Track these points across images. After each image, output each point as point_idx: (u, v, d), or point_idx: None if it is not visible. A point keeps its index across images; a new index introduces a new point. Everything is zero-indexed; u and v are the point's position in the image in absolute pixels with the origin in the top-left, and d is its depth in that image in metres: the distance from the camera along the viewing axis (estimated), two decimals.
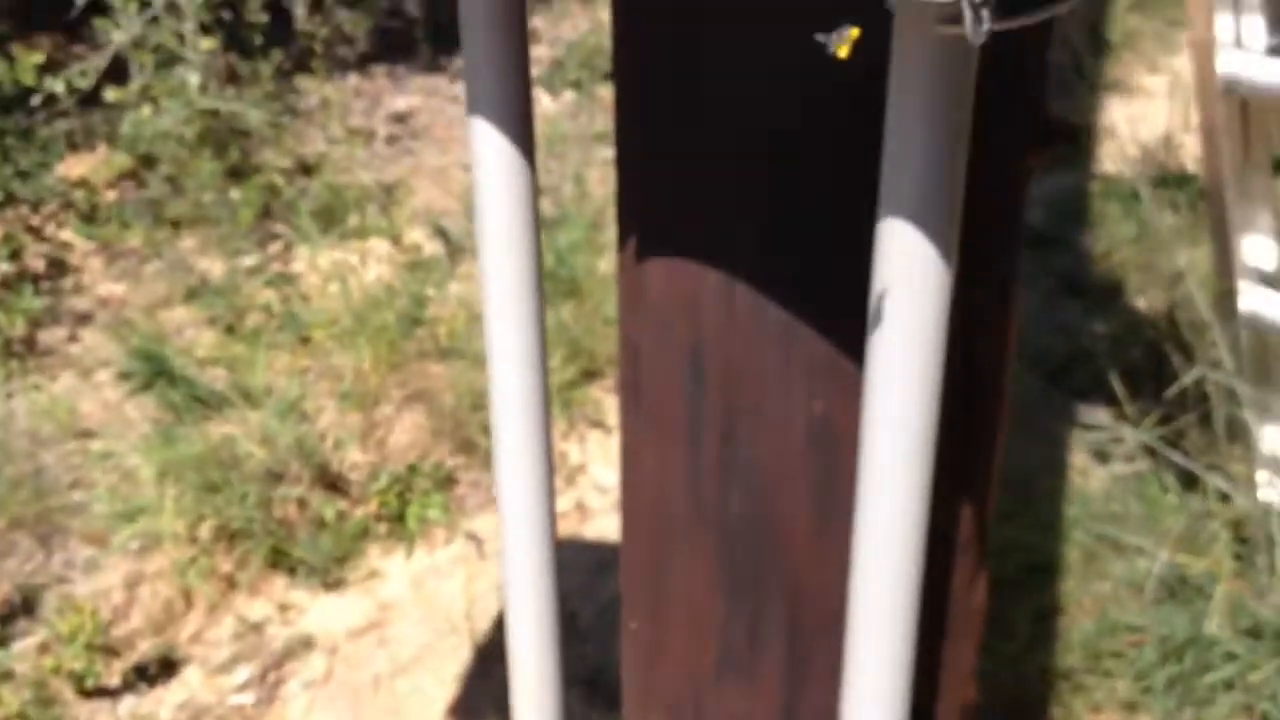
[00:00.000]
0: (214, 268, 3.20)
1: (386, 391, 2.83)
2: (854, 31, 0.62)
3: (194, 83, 3.20)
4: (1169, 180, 3.58)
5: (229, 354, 2.88)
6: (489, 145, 0.86)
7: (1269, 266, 1.96)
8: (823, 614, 0.93)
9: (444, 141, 3.98)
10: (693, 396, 0.92)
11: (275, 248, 3.30)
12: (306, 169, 3.53)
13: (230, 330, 3.01)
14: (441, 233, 3.11)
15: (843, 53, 0.63)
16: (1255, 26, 1.74)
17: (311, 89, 3.84)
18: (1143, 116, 4.12)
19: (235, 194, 3.26)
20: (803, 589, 0.93)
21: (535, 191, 0.90)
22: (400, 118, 4.13)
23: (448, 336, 2.91)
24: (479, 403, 2.85)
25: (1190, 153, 3.67)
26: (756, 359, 0.88)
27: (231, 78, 3.52)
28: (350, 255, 3.15)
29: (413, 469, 2.68)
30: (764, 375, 0.89)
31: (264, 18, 3.45)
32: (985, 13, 0.57)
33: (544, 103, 4.09)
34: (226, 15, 3.35)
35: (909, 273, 0.74)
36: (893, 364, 0.77)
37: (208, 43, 3.22)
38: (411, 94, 4.26)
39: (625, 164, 0.90)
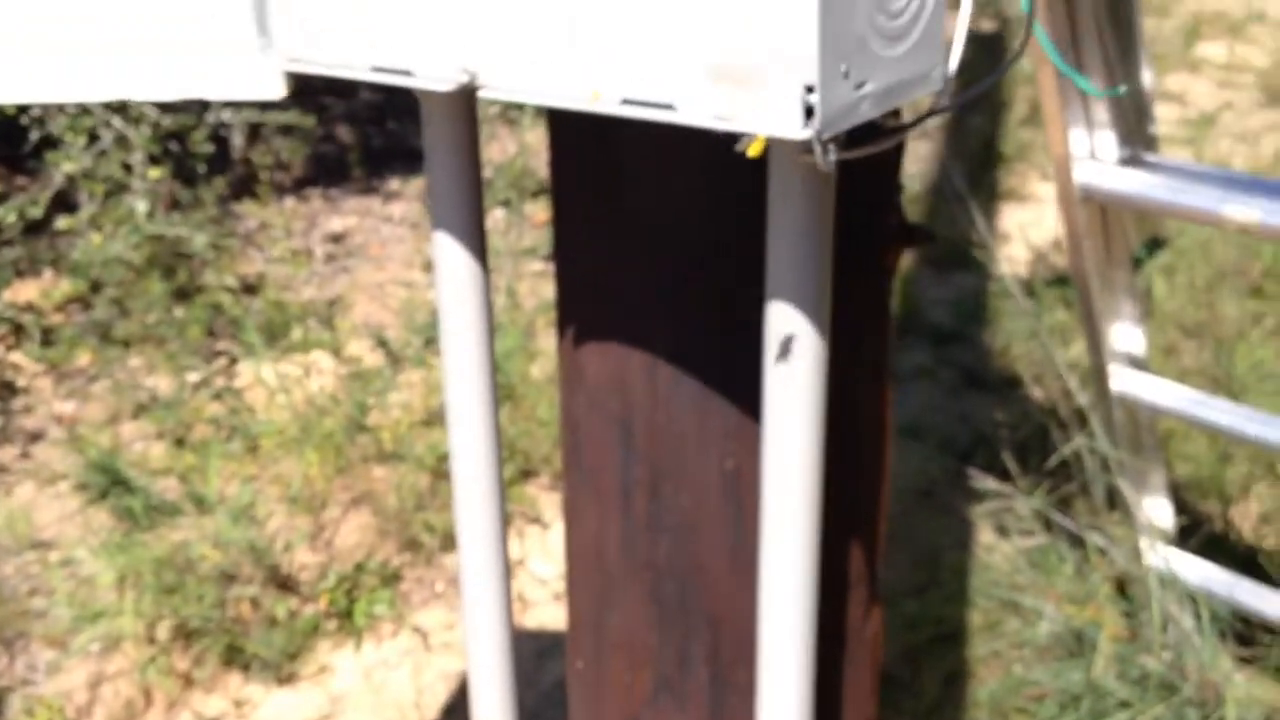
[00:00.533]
0: (162, 384, 3.34)
1: (333, 494, 2.97)
2: (760, 138, 0.79)
3: (142, 210, 3.36)
4: (1059, 280, 3.85)
5: (180, 465, 3.01)
6: (449, 255, 1.05)
7: (1135, 350, 2.19)
8: (740, 639, 1.10)
9: (379, 259, 4.16)
10: (624, 461, 1.10)
11: (221, 363, 3.45)
12: (249, 288, 3.69)
13: (180, 442, 3.14)
14: (383, 344, 3.28)
15: (754, 151, 0.80)
16: (1106, 140, 1.98)
17: (252, 213, 4.02)
18: (1035, 222, 4.42)
19: (181, 313, 3.41)
20: (722, 619, 1.10)
21: (489, 297, 1.08)
22: (337, 238, 4.31)
23: (391, 441, 3.06)
24: (422, 503, 3.00)
25: None
26: (677, 426, 1.07)
27: (174, 204, 3.70)
28: (294, 368, 3.30)
29: (359, 567, 2.82)
30: (684, 440, 1.07)
31: (209, 148, 3.63)
32: (831, 147, 0.77)
33: None
34: (173, 146, 3.53)
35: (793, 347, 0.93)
36: (784, 424, 0.95)
37: (156, 172, 3.40)
38: (347, 215, 4.45)
39: (561, 264, 1.09)
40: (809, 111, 0.76)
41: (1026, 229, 4.32)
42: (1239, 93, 5.94)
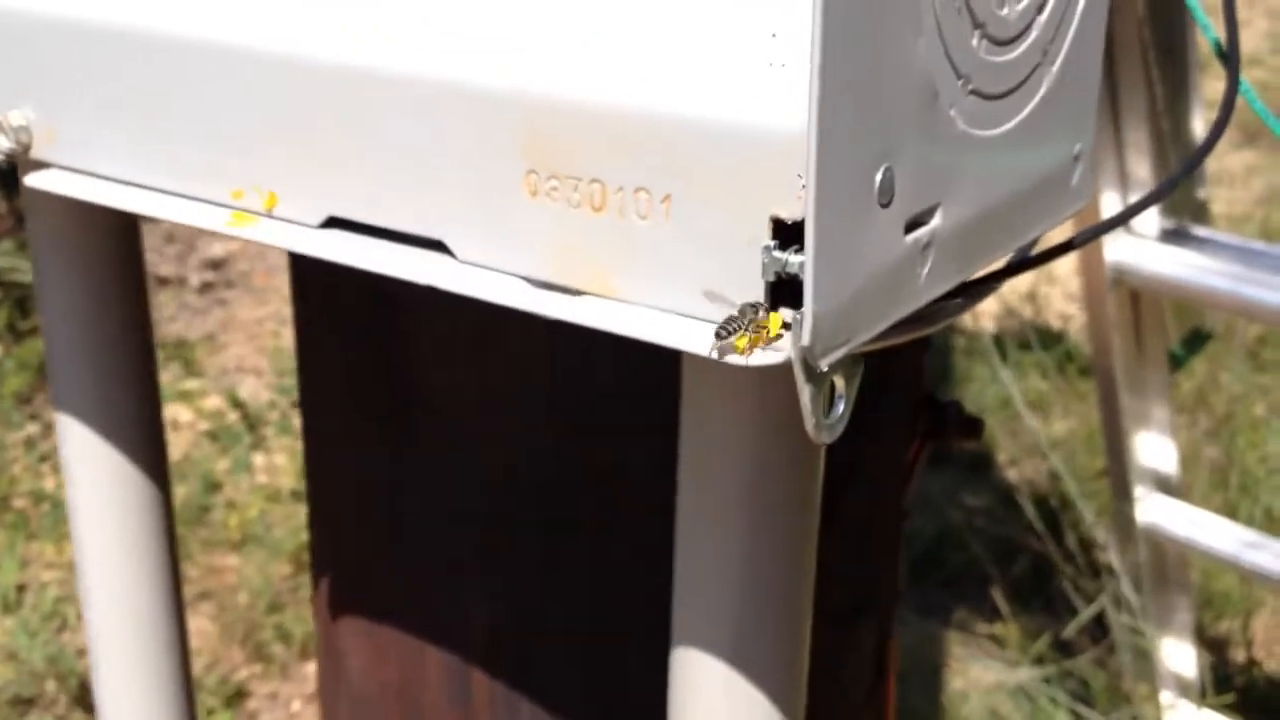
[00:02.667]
0: None
1: None
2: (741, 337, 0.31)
3: None
4: (1035, 339, 3.41)
5: None
6: (81, 457, 0.55)
7: (1166, 469, 1.73)
8: None
9: (262, 291, 3.64)
10: None
11: (53, 418, 2.91)
12: None
13: None
14: (239, 405, 2.77)
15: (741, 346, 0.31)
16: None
17: None
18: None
19: (7, 358, 2.88)
20: None
21: (167, 519, 0.59)
22: (216, 264, 3.79)
23: (242, 525, 2.55)
24: (277, 601, 2.48)
25: (1055, 309, 3.52)
26: None
27: (17, 227, 3.15)
28: None
29: (194, 683, 2.29)
30: None
31: None
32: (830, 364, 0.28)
33: None
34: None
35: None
36: None
37: None
38: (230, 239, 3.93)
39: (313, 480, 0.60)
40: (781, 289, 0.27)
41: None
42: None
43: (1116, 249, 1.52)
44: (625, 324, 0.29)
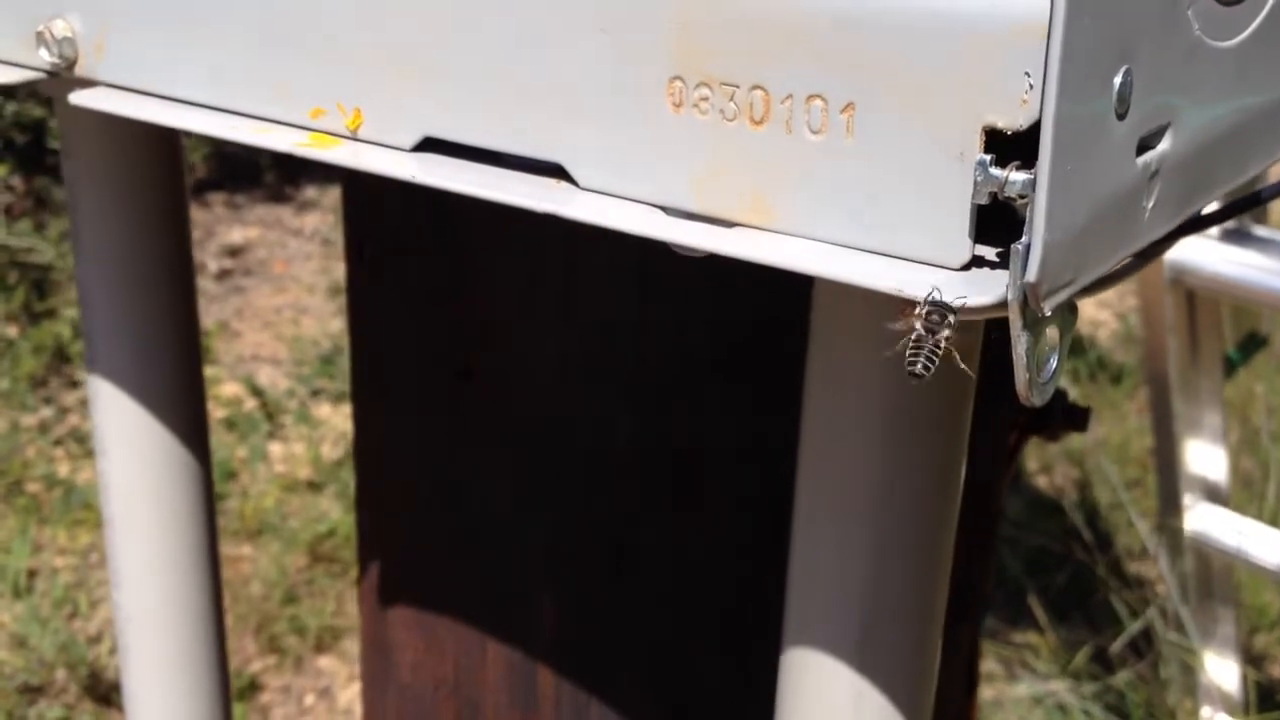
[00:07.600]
0: None
1: None
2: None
3: None
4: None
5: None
6: (116, 426, 0.50)
7: (1216, 478, 1.67)
8: None
9: (280, 279, 3.60)
10: None
11: (70, 399, 2.87)
12: None
13: (5, 500, 2.56)
14: (257, 392, 2.72)
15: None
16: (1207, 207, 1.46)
17: None
18: None
19: (21, 340, 2.84)
20: None
21: (207, 494, 0.54)
22: (234, 251, 3.75)
23: (258, 512, 2.50)
24: (292, 594, 2.44)
25: (1087, 315, 3.46)
26: None
27: (39, 207, 3.12)
28: None
29: None
30: None
31: None
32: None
33: None
34: (20, 139, 2.94)
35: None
36: None
37: None
38: (250, 225, 3.89)
39: (363, 465, 0.55)
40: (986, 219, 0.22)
41: None
42: None
43: (1176, 247, 1.47)
44: (796, 259, 0.24)
